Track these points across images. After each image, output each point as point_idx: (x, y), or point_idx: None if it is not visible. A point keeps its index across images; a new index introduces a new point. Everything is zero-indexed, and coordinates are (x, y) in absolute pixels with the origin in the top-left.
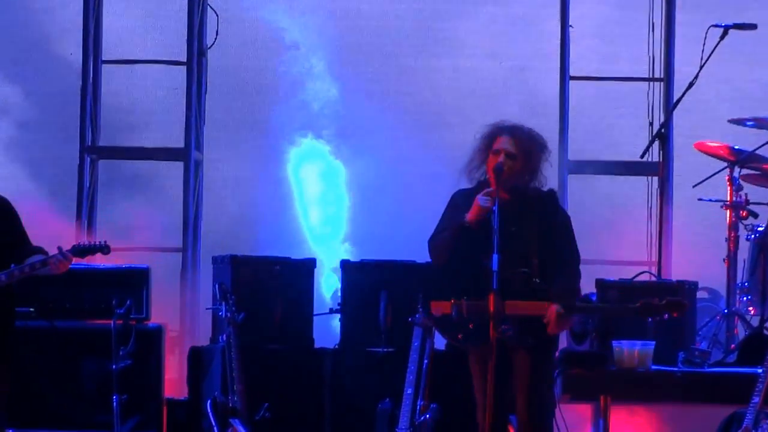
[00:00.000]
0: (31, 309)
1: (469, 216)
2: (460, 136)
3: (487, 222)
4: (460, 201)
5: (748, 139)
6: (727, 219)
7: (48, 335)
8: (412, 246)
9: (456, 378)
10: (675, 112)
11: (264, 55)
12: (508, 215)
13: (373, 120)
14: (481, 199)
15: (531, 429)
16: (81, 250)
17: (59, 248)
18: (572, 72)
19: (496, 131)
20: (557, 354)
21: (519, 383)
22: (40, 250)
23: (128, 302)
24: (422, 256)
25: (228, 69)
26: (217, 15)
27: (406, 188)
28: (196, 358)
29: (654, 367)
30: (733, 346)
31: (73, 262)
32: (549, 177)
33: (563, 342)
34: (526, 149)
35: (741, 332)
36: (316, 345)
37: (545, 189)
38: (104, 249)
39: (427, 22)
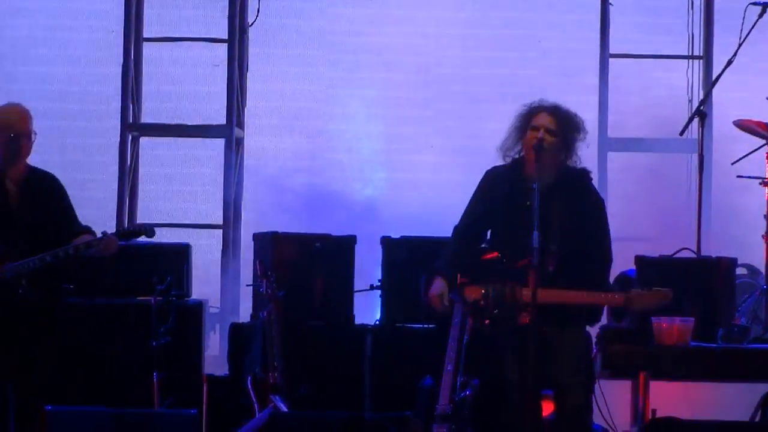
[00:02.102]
0: (71, 286)
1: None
2: None
3: (523, 200)
4: (490, 182)
5: None
6: (766, 196)
7: (88, 312)
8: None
9: (494, 354)
10: (714, 90)
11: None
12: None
13: None
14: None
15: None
16: (125, 234)
17: (104, 232)
18: (612, 50)
19: (536, 109)
20: (598, 331)
21: (559, 358)
22: (87, 230)
23: (168, 279)
24: None
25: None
26: None
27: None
28: (237, 335)
29: (693, 343)
30: None
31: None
32: (590, 155)
33: (603, 319)
34: (565, 127)
35: None
36: (357, 321)
37: (579, 167)
38: (149, 232)
39: None
